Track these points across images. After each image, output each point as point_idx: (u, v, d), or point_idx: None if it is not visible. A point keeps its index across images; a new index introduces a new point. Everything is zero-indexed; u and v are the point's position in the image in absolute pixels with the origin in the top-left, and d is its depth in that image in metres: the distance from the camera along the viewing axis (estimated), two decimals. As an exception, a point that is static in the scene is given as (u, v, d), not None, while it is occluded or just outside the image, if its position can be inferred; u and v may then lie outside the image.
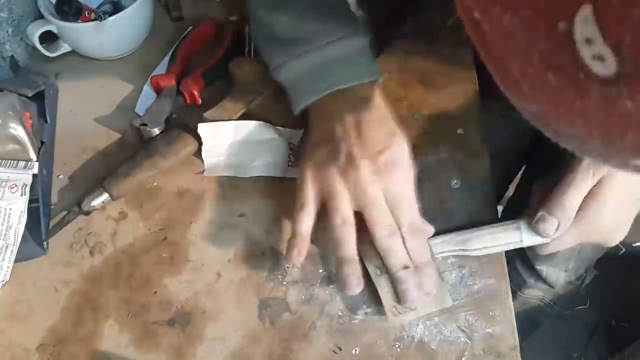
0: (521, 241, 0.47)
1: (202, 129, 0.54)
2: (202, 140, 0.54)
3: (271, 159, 0.56)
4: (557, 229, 0.45)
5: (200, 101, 0.61)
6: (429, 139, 0.56)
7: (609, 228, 0.46)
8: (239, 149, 0.56)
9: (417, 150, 0.56)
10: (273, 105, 0.60)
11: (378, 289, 0.47)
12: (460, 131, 0.57)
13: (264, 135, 0.56)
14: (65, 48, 0.64)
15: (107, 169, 0.55)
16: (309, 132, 0.51)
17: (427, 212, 0.47)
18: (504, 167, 0.86)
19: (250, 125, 0.56)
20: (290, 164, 0.56)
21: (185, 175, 0.55)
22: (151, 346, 0.47)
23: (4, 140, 0.51)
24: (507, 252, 0.50)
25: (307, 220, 0.45)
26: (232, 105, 0.59)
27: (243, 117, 0.59)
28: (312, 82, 0.49)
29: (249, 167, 0.55)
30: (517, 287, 1.04)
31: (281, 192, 0.54)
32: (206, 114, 0.58)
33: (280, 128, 0.57)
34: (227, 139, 0.55)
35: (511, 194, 0.97)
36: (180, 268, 0.51)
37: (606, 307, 1.22)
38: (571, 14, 0.17)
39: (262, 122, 0.56)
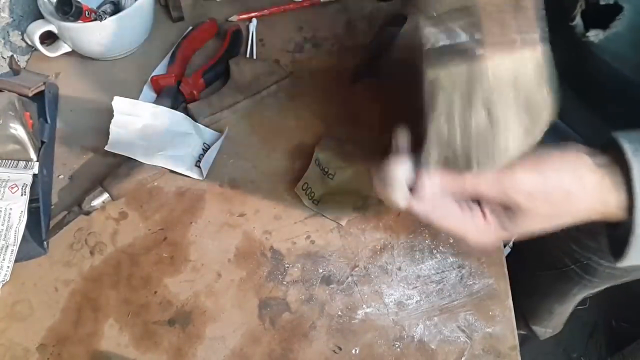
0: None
1: (117, 102, 0.53)
2: (114, 113, 0.54)
3: (180, 154, 0.55)
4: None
5: (200, 101, 0.61)
6: (428, 139, 0.56)
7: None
8: (151, 133, 0.55)
9: (417, 150, 0.56)
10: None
11: None
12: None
13: (181, 127, 0.56)
14: (65, 48, 0.64)
15: (107, 169, 0.55)
16: None
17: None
18: None
19: (170, 114, 0.55)
20: (197, 164, 0.55)
21: (185, 175, 0.55)
22: (151, 346, 0.47)
23: (4, 140, 0.51)
24: None
25: None
26: (219, 101, 0.59)
27: (227, 113, 0.59)
28: None
29: (154, 154, 0.54)
30: None
31: (282, 192, 0.54)
32: (190, 106, 0.58)
33: (201, 126, 0.57)
34: (142, 120, 0.55)
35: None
36: (180, 268, 0.51)
37: (606, 307, 1.22)
38: None
39: (184, 114, 0.56)
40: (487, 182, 0.34)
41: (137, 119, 0.55)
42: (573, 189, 0.33)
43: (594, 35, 0.43)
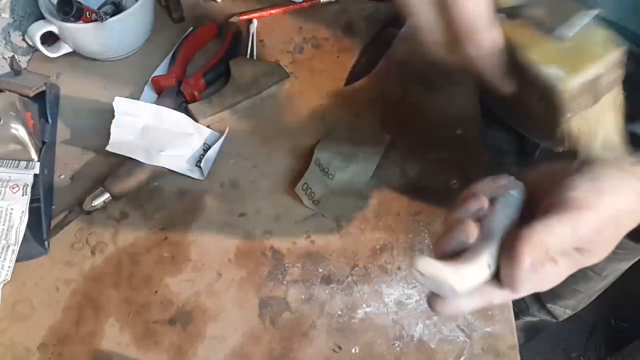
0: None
1: (118, 102, 0.54)
2: (115, 113, 0.54)
3: (180, 154, 0.55)
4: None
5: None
6: (429, 139, 0.57)
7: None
8: (152, 133, 0.55)
9: (417, 150, 0.56)
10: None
11: None
12: (460, 131, 0.57)
13: (182, 128, 0.56)
14: (66, 49, 0.64)
15: (108, 169, 0.56)
16: None
17: (427, 213, 0.47)
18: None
19: (171, 114, 0.56)
20: (198, 164, 0.55)
21: (185, 175, 0.56)
22: (152, 345, 0.47)
23: (5, 140, 0.51)
24: None
25: None
26: (220, 101, 0.59)
27: (227, 114, 0.59)
28: None
29: (155, 154, 0.54)
30: (519, 310, 1.05)
31: (282, 192, 0.55)
32: (190, 106, 0.59)
33: (202, 126, 0.57)
34: (143, 120, 0.55)
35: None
36: (181, 267, 0.51)
37: (605, 306, 1.22)
38: None
39: (184, 115, 0.57)
40: (561, 236, 0.31)
41: (138, 119, 0.55)
42: (633, 206, 0.32)
43: None
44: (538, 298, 0.95)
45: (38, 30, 0.60)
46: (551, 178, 0.34)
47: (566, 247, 0.32)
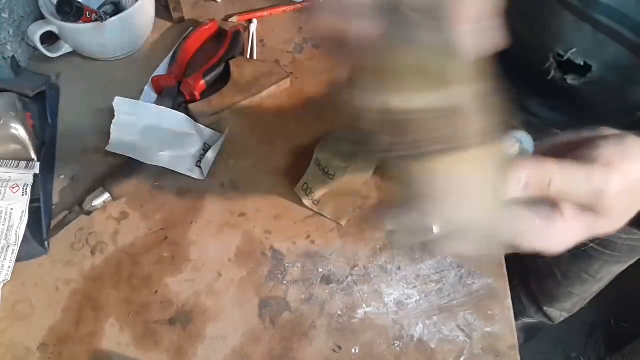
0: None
1: (118, 102, 0.54)
2: (115, 113, 0.54)
3: (180, 154, 0.55)
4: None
5: (200, 101, 0.61)
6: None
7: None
8: (152, 133, 0.55)
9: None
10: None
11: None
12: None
13: (182, 128, 0.56)
14: (66, 49, 0.64)
15: (108, 169, 0.56)
16: None
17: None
18: None
19: (171, 114, 0.56)
20: (198, 164, 0.56)
21: (185, 175, 0.56)
22: (152, 345, 0.47)
23: (5, 140, 0.51)
24: (511, 280, 0.50)
25: None
26: (219, 101, 0.59)
27: (227, 114, 0.59)
28: None
29: (155, 154, 0.54)
30: (517, 312, 1.05)
31: (282, 192, 0.55)
32: (190, 106, 0.59)
33: (202, 126, 0.57)
34: (143, 120, 0.55)
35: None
36: (181, 267, 0.51)
37: (605, 306, 1.23)
38: None
39: (184, 115, 0.57)
40: (572, 178, 0.29)
41: (138, 119, 0.55)
42: None
43: (572, 80, 0.47)
44: (535, 301, 0.96)
45: (38, 30, 0.60)
46: (572, 146, 0.32)
47: (578, 196, 0.30)
